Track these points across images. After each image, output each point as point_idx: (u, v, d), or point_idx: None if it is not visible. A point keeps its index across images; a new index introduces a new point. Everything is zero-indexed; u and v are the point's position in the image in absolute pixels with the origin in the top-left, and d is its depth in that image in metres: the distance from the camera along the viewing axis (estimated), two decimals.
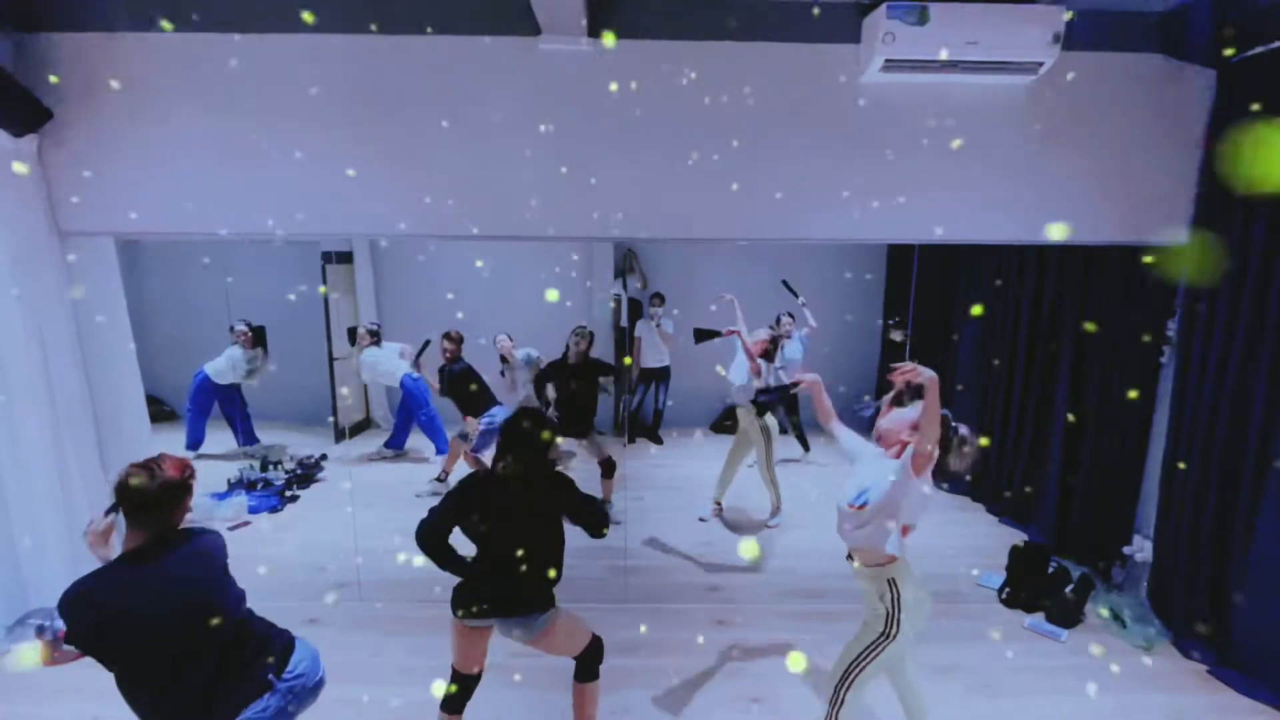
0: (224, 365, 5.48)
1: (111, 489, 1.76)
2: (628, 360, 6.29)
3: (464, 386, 4.89)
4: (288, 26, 3.11)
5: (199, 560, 1.83)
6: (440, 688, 2.44)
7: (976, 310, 5.11)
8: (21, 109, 3.01)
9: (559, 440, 2.52)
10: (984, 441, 2.27)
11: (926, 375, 2.06)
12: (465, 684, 2.43)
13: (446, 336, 4.96)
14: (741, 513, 4.87)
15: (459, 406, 4.98)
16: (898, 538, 2.22)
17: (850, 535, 2.28)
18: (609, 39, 3.04)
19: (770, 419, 4.55)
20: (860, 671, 2.27)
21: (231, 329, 5.46)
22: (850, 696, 2.28)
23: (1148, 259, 3.47)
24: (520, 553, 2.26)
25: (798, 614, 3.58)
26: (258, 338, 5.52)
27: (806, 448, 6.02)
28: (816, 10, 3.07)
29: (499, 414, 4.91)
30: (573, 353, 4.61)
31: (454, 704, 2.43)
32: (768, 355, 4.47)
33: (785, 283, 5.35)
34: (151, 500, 1.76)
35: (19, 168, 3.02)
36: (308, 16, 2.97)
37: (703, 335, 4.27)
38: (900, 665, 2.43)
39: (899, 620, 2.23)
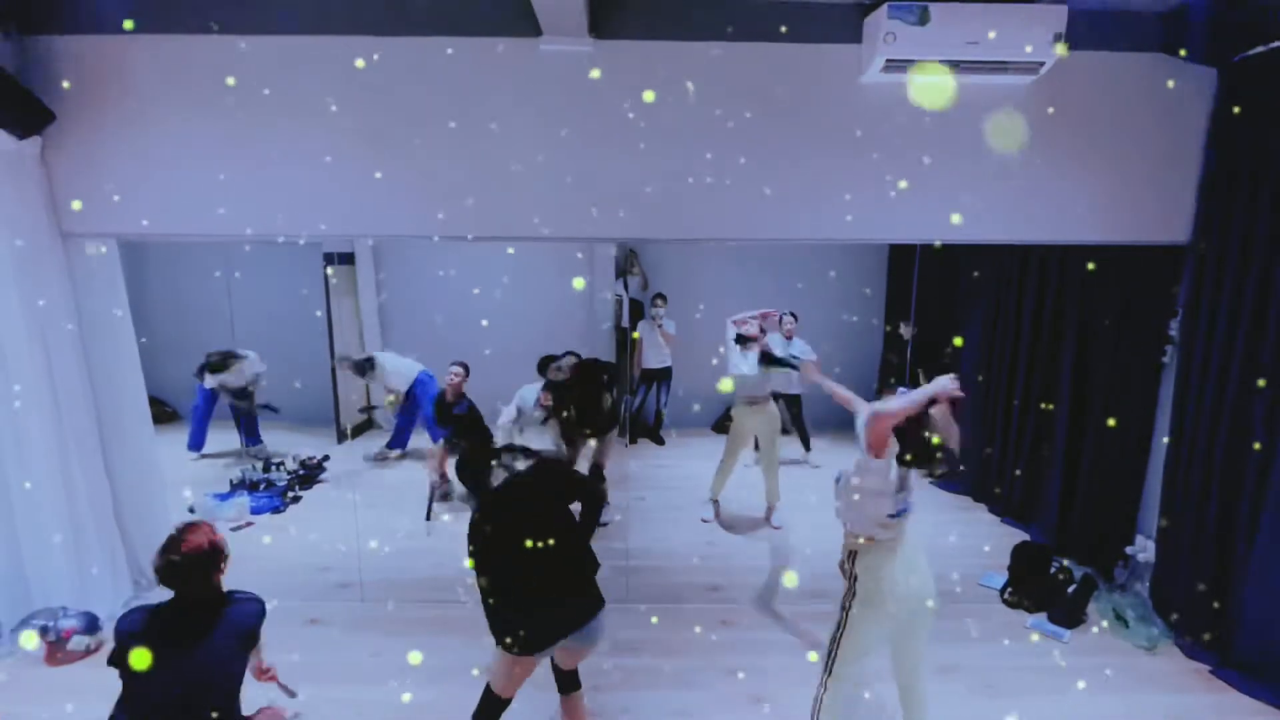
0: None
1: (154, 574, 1.88)
2: (636, 334, 6.28)
3: (462, 428, 4.66)
4: (290, 29, 3.12)
5: (232, 640, 1.93)
6: (416, 656, 2.46)
7: (958, 341, 5.13)
8: (24, 111, 3.02)
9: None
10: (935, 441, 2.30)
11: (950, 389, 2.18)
12: (502, 708, 2.39)
13: (460, 364, 4.77)
14: (740, 513, 4.86)
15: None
16: (867, 515, 2.23)
17: (840, 514, 2.34)
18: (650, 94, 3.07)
19: (772, 408, 4.58)
20: (836, 652, 2.31)
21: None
22: (831, 683, 2.33)
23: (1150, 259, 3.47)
24: (554, 549, 2.21)
25: (800, 614, 3.58)
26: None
27: (808, 447, 6.01)
28: (787, 28, 3.07)
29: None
30: (565, 376, 4.51)
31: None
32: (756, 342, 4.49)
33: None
34: (187, 570, 1.87)
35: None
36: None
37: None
38: (908, 666, 2.44)
39: (852, 604, 2.27)
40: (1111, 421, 3.80)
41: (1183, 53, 3.05)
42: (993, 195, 3.29)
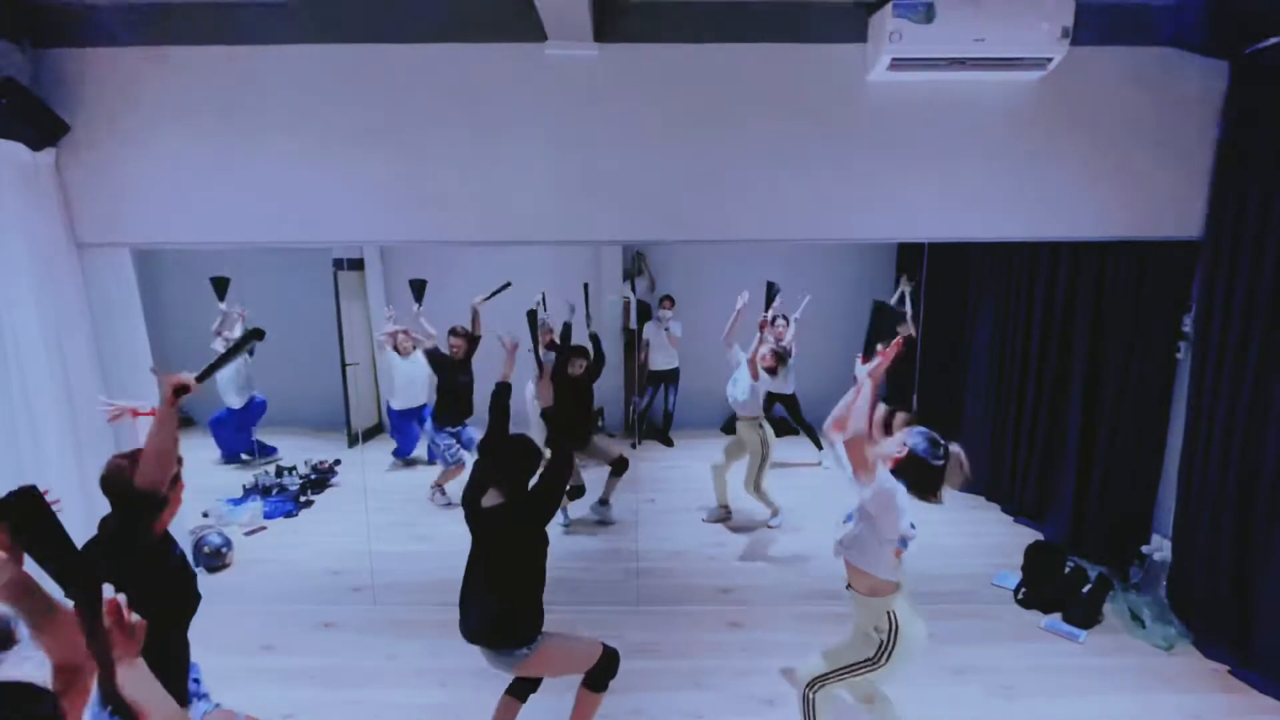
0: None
1: (99, 482, 1.81)
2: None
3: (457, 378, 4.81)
4: (299, 37, 3.15)
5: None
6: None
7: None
8: (39, 123, 3.07)
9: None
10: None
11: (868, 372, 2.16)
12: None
13: (453, 333, 4.90)
14: (744, 513, 4.85)
15: (447, 399, 4.90)
16: (889, 559, 2.13)
17: (844, 553, 2.23)
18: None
19: (769, 432, 4.54)
20: (834, 682, 2.26)
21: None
22: (820, 703, 2.28)
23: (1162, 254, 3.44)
24: (490, 579, 2.25)
25: (810, 615, 3.57)
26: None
27: (819, 445, 5.96)
28: (792, 28, 3.06)
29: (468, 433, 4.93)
30: (571, 371, 4.55)
31: (517, 689, 2.48)
32: (772, 371, 4.46)
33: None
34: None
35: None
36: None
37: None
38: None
39: (890, 654, 2.16)
40: (1136, 388, 3.71)
41: (1226, 51, 2.88)
42: (1002, 192, 3.27)
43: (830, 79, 3.19)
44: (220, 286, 5.12)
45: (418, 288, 5.03)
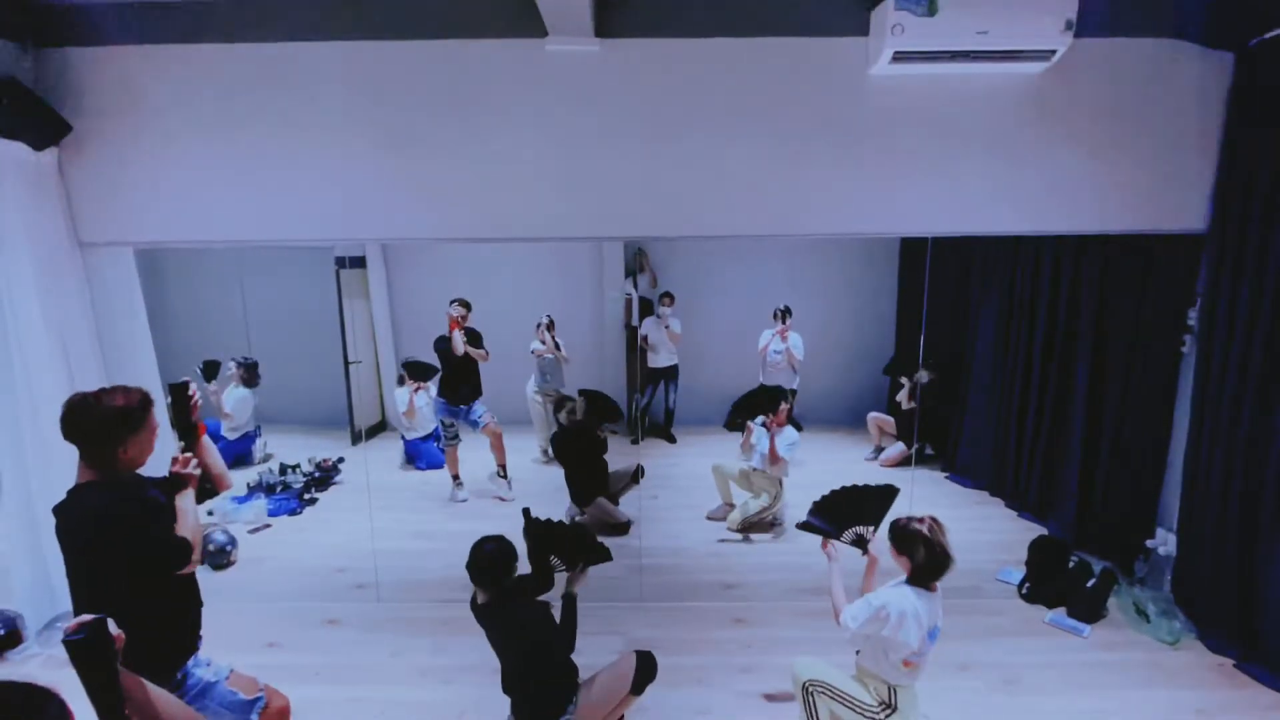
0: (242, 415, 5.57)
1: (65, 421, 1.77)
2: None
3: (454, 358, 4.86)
4: (298, 35, 3.15)
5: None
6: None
7: None
8: (42, 123, 3.07)
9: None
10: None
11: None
12: None
13: (454, 302, 4.98)
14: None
15: (446, 380, 4.99)
16: (895, 667, 2.28)
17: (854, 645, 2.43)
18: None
19: (784, 489, 4.59)
20: (827, 697, 2.38)
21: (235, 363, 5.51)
22: (821, 702, 2.38)
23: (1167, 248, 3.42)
24: (519, 672, 2.33)
25: (813, 611, 3.56)
26: (250, 373, 5.55)
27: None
28: (794, 22, 3.04)
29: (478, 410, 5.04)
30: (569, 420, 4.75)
31: None
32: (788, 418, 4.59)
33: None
34: (94, 430, 1.75)
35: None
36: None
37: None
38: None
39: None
40: (1140, 381, 3.72)
41: (1231, 42, 2.90)
42: (1006, 186, 3.25)
43: (832, 73, 3.18)
44: (210, 370, 5.44)
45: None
